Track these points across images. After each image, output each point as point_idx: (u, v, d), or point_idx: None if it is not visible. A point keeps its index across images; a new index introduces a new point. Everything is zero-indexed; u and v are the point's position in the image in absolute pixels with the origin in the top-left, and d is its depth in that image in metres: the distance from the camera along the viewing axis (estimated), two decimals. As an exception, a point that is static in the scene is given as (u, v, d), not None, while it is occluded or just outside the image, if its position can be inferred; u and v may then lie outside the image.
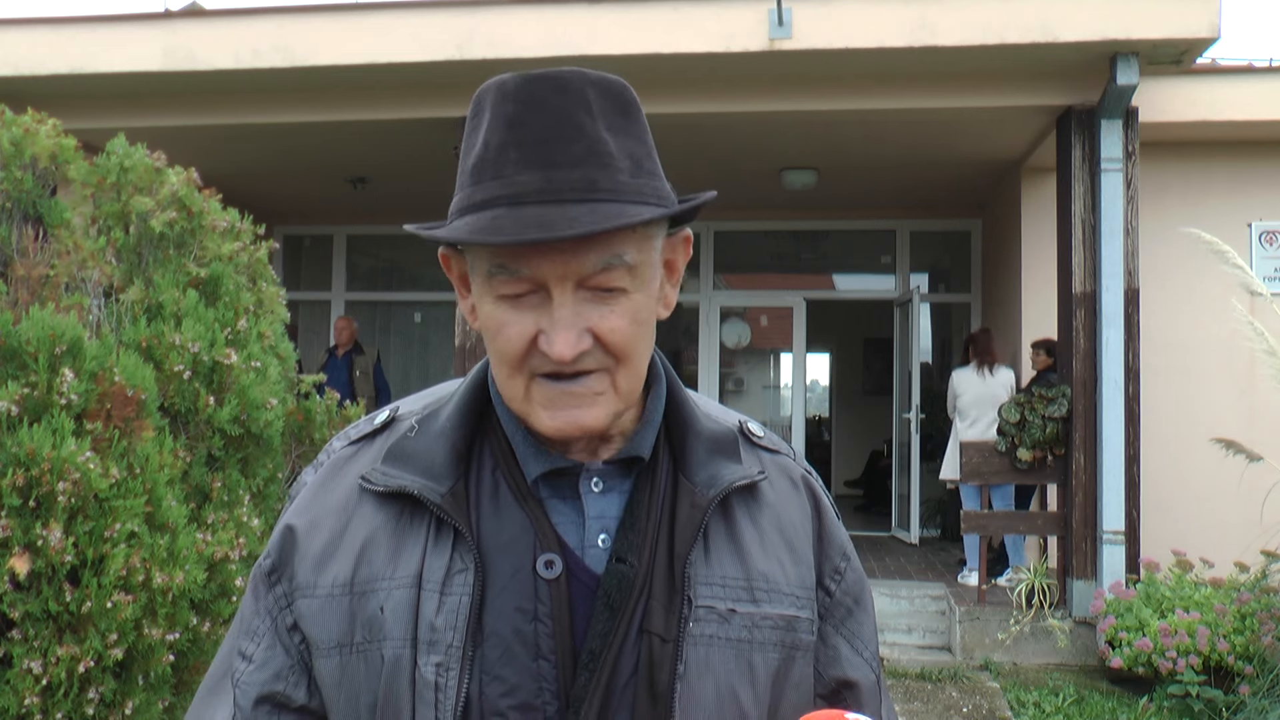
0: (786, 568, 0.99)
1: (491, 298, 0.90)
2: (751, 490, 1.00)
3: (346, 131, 7.05)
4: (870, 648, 1.06)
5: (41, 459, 2.50)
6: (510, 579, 0.91)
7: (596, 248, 0.87)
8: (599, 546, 0.94)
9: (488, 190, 0.88)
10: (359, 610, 0.93)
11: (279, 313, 3.47)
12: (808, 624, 0.99)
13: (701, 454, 0.98)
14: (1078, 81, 6.06)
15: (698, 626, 0.93)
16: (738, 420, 1.07)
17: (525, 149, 0.87)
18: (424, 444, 0.97)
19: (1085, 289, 6.12)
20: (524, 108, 0.88)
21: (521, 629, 0.90)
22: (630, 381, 0.93)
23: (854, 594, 1.06)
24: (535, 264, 0.87)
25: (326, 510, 0.98)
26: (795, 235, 10.10)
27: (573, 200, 0.86)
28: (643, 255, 0.91)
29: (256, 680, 0.96)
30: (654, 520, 0.95)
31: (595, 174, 0.87)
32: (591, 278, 0.88)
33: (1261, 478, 5.05)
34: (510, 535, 0.93)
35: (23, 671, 2.48)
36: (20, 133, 3.14)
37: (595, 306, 0.89)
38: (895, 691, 5.59)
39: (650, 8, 5.94)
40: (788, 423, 10.82)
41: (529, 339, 0.89)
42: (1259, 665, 4.87)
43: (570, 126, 0.88)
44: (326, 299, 10.41)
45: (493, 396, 0.99)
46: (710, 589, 0.94)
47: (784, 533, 1.01)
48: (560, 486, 0.96)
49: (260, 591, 0.99)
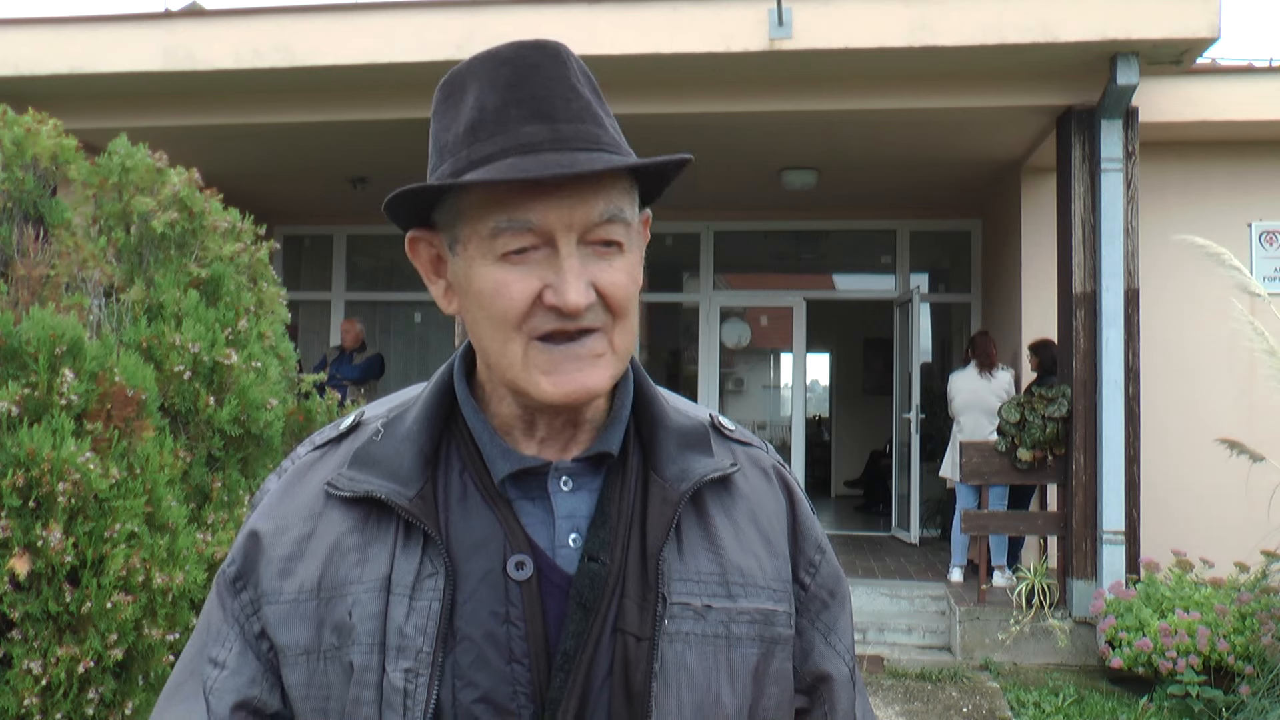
0: (763, 561, 0.98)
1: (491, 259, 0.89)
2: (724, 483, 0.99)
3: (346, 131, 7.05)
4: (844, 641, 1.05)
5: (41, 459, 2.50)
6: (481, 582, 0.90)
7: (602, 197, 0.88)
8: (570, 546, 0.92)
9: (493, 144, 0.88)
10: (327, 615, 0.91)
11: (279, 313, 3.47)
12: (785, 617, 0.98)
13: (672, 448, 0.97)
14: (1078, 81, 6.05)
15: (673, 624, 0.92)
16: (708, 414, 1.06)
17: (526, 105, 0.89)
18: (390, 448, 0.95)
19: (1085, 289, 6.12)
20: (520, 70, 0.90)
21: (494, 632, 0.89)
22: (626, 340, 0.92)
23: (829, 587, 1.05)
24: (543, 212, 0.87)
25: (291, 515, 0.96)
26: (795, 235, 10.10)
27: (581, 149, 0.88)
28: (633, 214, 0.93)
29: (232, 686, 0.94)
30: (625, 517, 0.94)
31: (594, 129, 0.90)
32: (594, 230, 0.88)
33: (1262, 478, 5.05)
34: (480, 537, 0.91)
35: (22, 672, 2.48)
36: (21, 132, 3.14)
37: (596, 261, 0.89)
38: (895, 691, 5.59)
39: (650, 8, 5.94)
40: (788, 423, 10.83)
41: (533, 295, 0.88)
42: (1259, 665, 4.87)
43: (566, 87, 0.90)
44: (326, 299, 10.41)
45: (460, 398, 0.98)
46: (685, 585, 0.93)
47: (759, 525, 1.00)
48: (529, 486, 0.94)
49: (225, 599, 0.97)
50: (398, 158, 7.69)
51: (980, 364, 7.42)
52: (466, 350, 1.01)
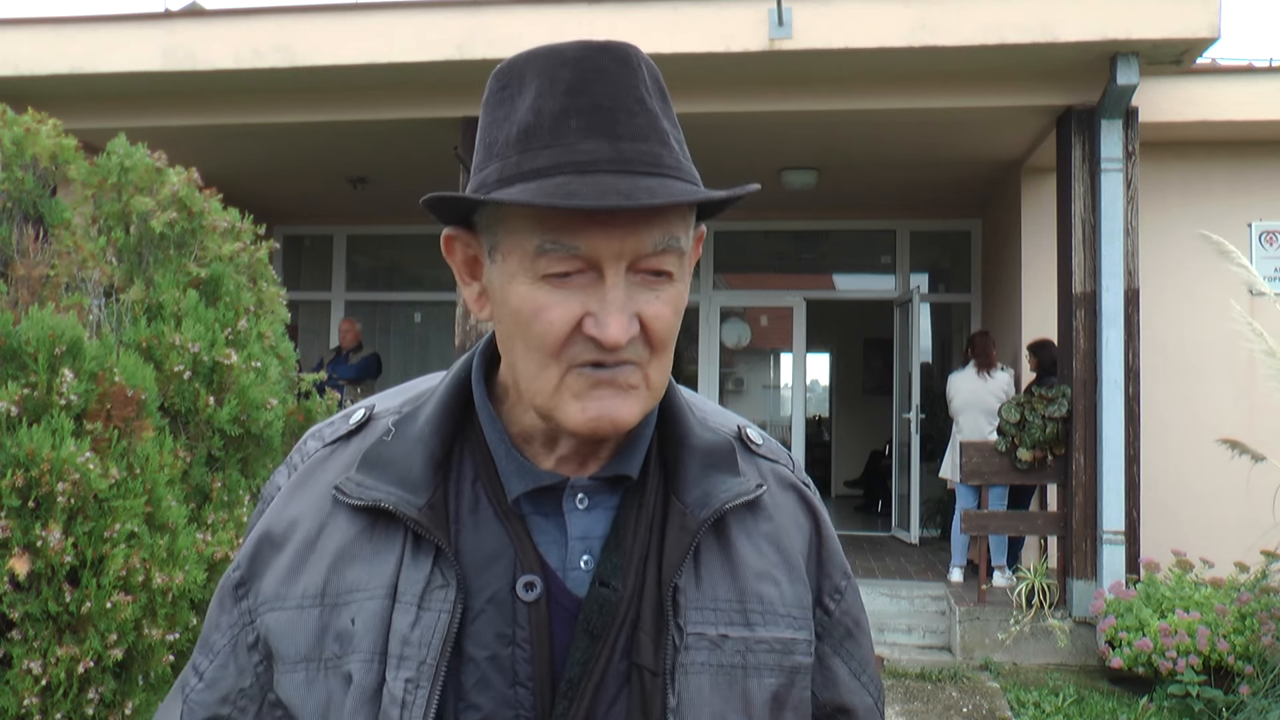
0: (783, 587, 0.94)
1: (532, 278, 0.82)
2: (749, 504, 0.94)
3: (346, 131, 7.05)
4: (868, 670, 1.02)
5: (41, 459, 2.49)
6: (488, 600, 0.86)
7: (658, 226, 0.82)
8: (581, 568, 0.88)
9: (547, 157, 0.81)
10: (331, 622, 0.88)
11: (279, 313, 3.47)
12: (805, 645, 0.94)
13: (695, 470, 0.92)
14: (1078, 81, 6.05)
15: (687, 655, 0.88)
16: (736, 426, 1.01)
17: (587, 116, 0.82)
18: (401, 450, 0.91)
19: (1085, 289, 6.12)
20: (584, 75, 0.83)
21: (498, 653, 0.85)
22: (661, 376, 0.87)
23: (853, 615, 1.01)
24: (593, 240, 0.80)
25: (301, 516, 0.93)
26: (795, 235, 10.10)
27: (642, 173, 0.81)
28: (688, 242, 0.87)
29: (204, 700, 0.93)
30: (641, 542, 0.89)
31: (659, 149, 0.83)
32: (645, 259, 0.83)
33: (1262, 478, 5.05)
34: (489, 553, 0.88)
35: (22, 672, 2.48)
36: (21, 132, 3.14)
37: (643, 291, 0.83)
38: (895, 691, 5.59)
39: (650, 8, 5.95)
40: (788, 423, 10.82)
41: (573, 322, 0.82)
42: (1259, 665, 4.87)
43: (633, 99, 0.83)
44: (326, 299, 10.42)
45: (476, 401, 0.94)
46: (701, 613, 0.89)
47: (781, 549, 0.95)
48: (543, 502, 0.90)
49: (226, 605, 0.95)
50: (397, 158, 7.70)
51: (979, 364, 7.42)
52: (488, 346, 0.96)
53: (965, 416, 7.42)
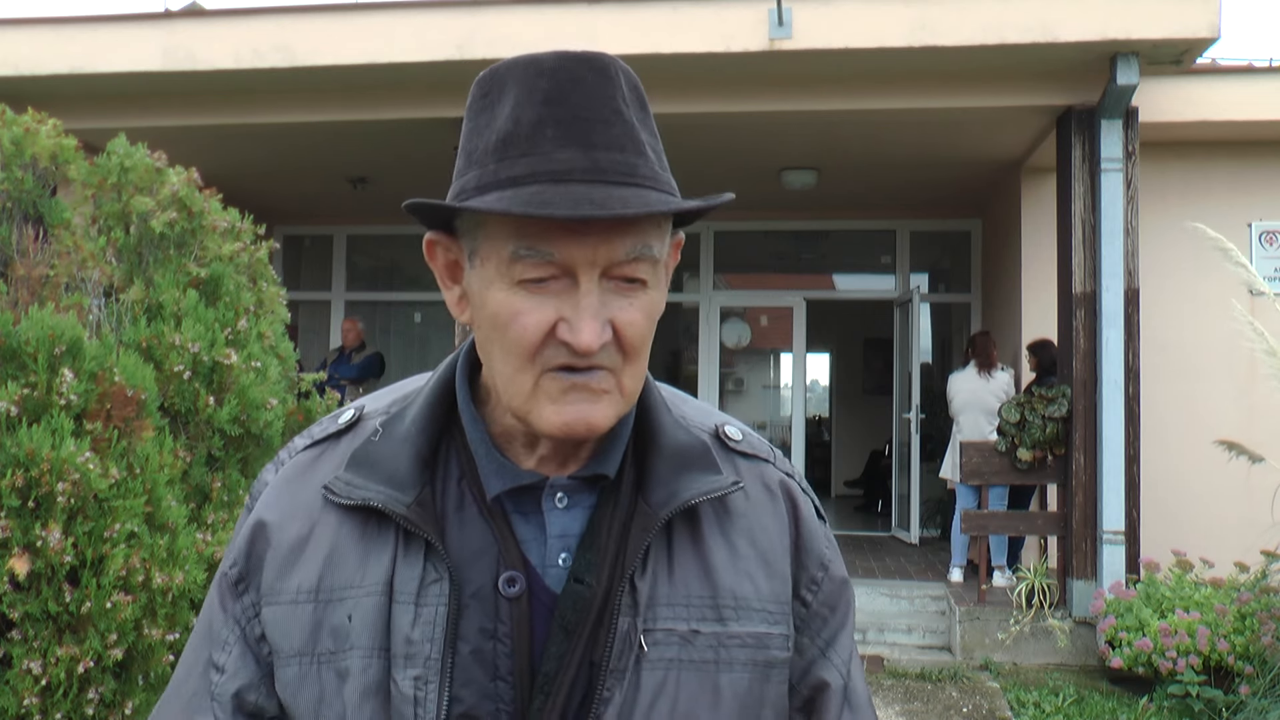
0: (759, 582, 0.95)
1: (508, 284, 0.85)
2: (723, 502, 0.96)
3: (346, 131, 7.05)
4: (843, 654, 1.02)
5: (41, 459, 2.50)
6: (472, 596, 0.88)
7: (631, 235, 0.84)
8: (559, 565, 0.91)
9: (523, 166, 0.83)
10: (325, 618, 0.90)
11: (279, 313, 3.47)
12: (781, 639, 0.95)
13: (663, 470, 0.93)
14: (1078, 81, 6.05)
15: (656, 650, 0.90)
16: (715, 424, 1.02)
17: (564, 126, 0.84)
18: (388, 449, 0.93)
19: (1085, 289, 6.12)
20: (562, 85, 0.84)
21: (481, 647, 0.87)
22: (634, 383, 0.89)
23: (830, 604, 1.02)
24: (567, 247, 0.82)
25: (292, 513, 0.95)
26: (795, 235, 10.10)
27: (617, 183, 0.83)
28: (662, 250, 0.89)
29: (230, 690, 0.94)
30: (615, 539, 0.92)
31: (634, 159, 0.85)
32: (619, 267, 0.84)
33: (1262, 478, 5.05)
34: (475, 549, 0.90)
35: (22, 672, 2.48)
36: (21, 132, 3.14)
37: (617, 298, 0.85)
38: (895, 691, 5.59)
39: (650, 8, 5.94)
40: (788, 423, 10.83)
41: (547, 328, 0.84)
42: (1259, 665, 4.86)
43: (609, 109, 0.85)
44: (326, 299, 10.42)
45: (459, 402, 0.96)
46: (672, 609, 0.91)
47: (757, 545, 0.96)
48: (524, 501, 0.92)
49: (227, 601, 0.96)
50: (397, 158, 7.71)
51: (979, 364, 7.42)
52: (472, 347, 0.98)
53: (965, 416, 7.42)
